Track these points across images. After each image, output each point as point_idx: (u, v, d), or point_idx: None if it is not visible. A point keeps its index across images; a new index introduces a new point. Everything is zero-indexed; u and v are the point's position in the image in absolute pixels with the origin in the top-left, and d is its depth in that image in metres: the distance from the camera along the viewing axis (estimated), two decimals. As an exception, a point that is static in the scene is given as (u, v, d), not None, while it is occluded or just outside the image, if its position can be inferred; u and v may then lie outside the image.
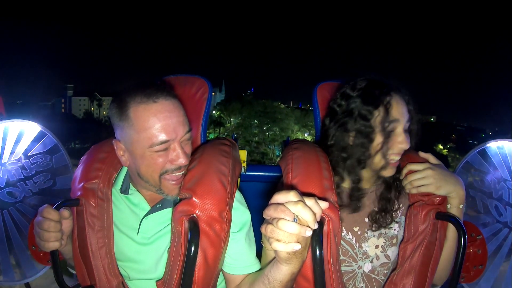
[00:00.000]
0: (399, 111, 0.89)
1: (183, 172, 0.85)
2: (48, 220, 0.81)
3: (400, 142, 0.88)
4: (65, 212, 0.85)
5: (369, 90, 0.90)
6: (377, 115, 0.88)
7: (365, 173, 0.95)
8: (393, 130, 0.89)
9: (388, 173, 0.91)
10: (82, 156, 0.99)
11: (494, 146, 1.29)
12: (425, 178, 0.91)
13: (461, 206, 0.92)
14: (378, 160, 0.90)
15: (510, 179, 1.25)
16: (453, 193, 0.91)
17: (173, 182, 0.85)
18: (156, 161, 0.82)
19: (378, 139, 0.89)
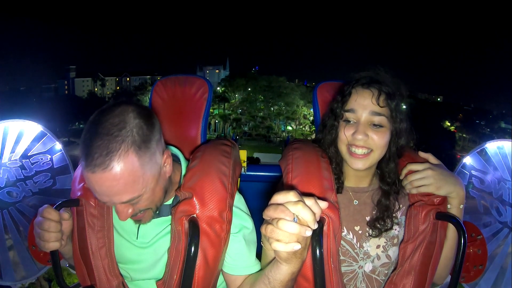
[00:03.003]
0: (358, 102, 0.88)
1: (140, 213, 0.81)
2: (48, 220, 0.81)
3: (354, 133, 0.88)
4: (65, 214, 0.85)
5: (344, 85, 0.93)
6: (338, 105, 0.91)
7: (347, 168, 0.96)
8: (349, 120, 0.90)
9: (352, 164, 0.90)
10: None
11: (494, 146, 1.29)
12: (425, 178, 0.90)
13: (461, 206, 0.92)
14: (343, 149, 0.92)
15: (510, 179, 1.25)
16: (453, 193, 0.91)
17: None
18: None
19: (340, 128, 0.91)
